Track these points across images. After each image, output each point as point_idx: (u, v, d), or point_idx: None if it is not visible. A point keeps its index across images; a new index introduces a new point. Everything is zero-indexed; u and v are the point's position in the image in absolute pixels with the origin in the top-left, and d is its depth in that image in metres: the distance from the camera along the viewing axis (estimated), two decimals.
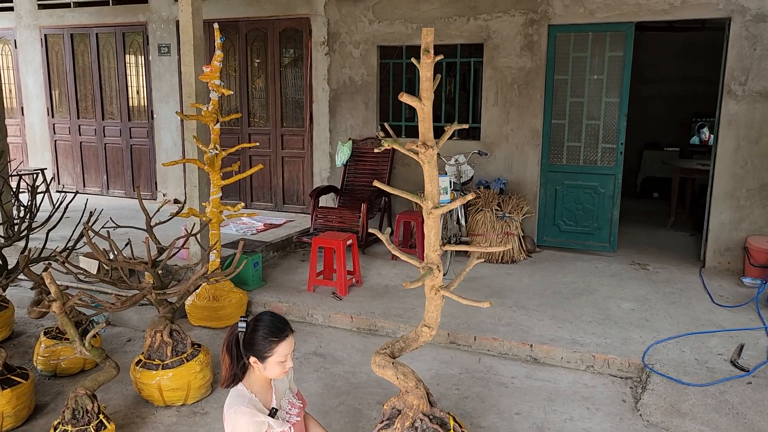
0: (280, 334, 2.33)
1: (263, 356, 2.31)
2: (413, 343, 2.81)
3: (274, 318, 2.38)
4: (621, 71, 6.38)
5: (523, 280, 5.96)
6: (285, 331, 2.36)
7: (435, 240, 2.63)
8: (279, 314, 2.44)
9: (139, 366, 3.85)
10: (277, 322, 2.36)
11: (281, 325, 2.36)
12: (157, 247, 4.07)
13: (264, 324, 2.34)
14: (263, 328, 2.32)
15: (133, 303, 3.69)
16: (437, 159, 6.26)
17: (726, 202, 6.08)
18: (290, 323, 2.45)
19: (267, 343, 2.30)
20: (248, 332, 2.34)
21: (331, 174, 7.79)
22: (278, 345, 2.31)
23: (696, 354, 4.32)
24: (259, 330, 2.32)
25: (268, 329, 2.32)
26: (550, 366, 4.44)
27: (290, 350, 2.36)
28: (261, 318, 2.37)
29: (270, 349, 2.30)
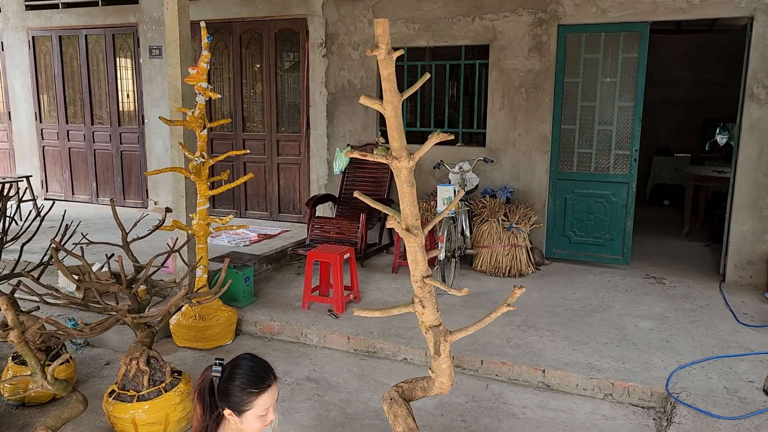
0: (260, 384, 1.98)
1: (240, 409, 1.97)
2: (432, 389, 2.47)
3: (254, 364, 2.03)
4: (635, 73, 6.03)
5: (532, 295, 5.59)
6: (266, 380, 2.01)
7: (418, 269, 2.25)
8: (260, 359, 2.08)
9: (112, 397, 3.48)
10: (258, 370, 2.01)
11: (263, 374, 2.01)
12: (134, 265, 3.71)
13: (242, 372, 1.99)
14: (241, 376, 1.98)
15: (105, 329, 3.33)
16: (443, 167, 5.88)
17: (748, 213, 5.71)
18: (274, 376, 2.09)
19: (245, 395, 1.96)
20: (224, 379, 1.99)
21: (329, 182, 7.43)
22: (258, 397, 1.97)
23: (725, 381, 3.95)
24: (236, 378, 1.98)
25: (247, 378, 1.97)
26: (565, 394, 4.07)
27: (272, 402, 2.02)
28: (239, 363, 2.03)
29: (248, 401, 1.96)
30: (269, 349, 4.78)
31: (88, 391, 4.09)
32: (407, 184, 2.13)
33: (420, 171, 6.90)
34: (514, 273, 6.13)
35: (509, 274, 6.12)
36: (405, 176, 2.15)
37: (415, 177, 6.94)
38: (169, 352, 4.73)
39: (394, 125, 2.12)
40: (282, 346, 4.84)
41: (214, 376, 2.01)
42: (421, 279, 2.23)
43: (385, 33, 2.00)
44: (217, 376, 2.00)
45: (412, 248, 2.19)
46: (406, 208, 2.17)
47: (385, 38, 2.02)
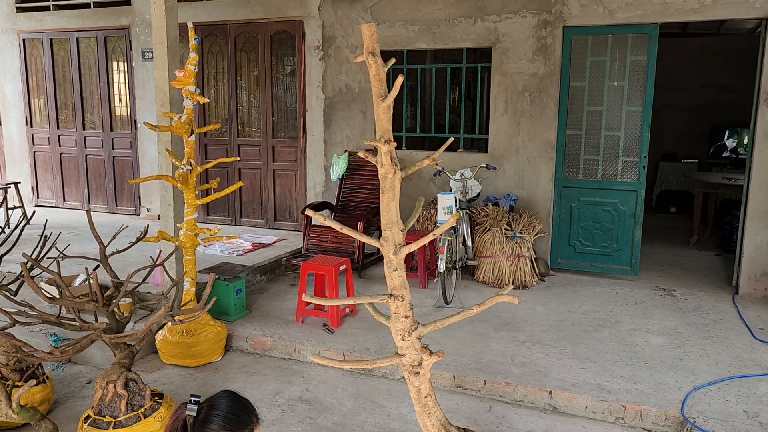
0: (241, 428, 1.73)
1: None
2: None
3: (234, 404, 1.78)
4: (644, 77, 5.79)
5: (536, 308, 5.35)
6: (248, 424, 1.76)
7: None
8: (241, 397, 1.83)
9: (87, 423, 3.24)
10: (238, 412, 1.76)
11: (243, 416, 1.76)
12: (113, 281, 3.47)
13: (220, 413, 1.74)
14: (219, 419, 1.73)
15: (78, 350, 3.09)
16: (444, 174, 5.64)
17: (762, 222, 5.47)
18: (256, 417, 1.84)
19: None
20: (200, 421, 1.73)
21: (326, 189, 7.20)
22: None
23: (744, 404, 3.69)
24: (213, 421, 1.73)
25: (227, 421, 1.72)
26: (573, 417, 3.82)
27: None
28: (217, 404, 1.77)
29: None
30: (260, 366, 4.54)
31: (67, 413, 3.86)
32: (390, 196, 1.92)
33: (420, 178, 6.67)
34: (518, 284, 5.88)
35: (513, 286, 5.86)
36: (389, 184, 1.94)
37: (413, 184, 6.74)
38: (154, 370, 4.49)
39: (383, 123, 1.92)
40: (274, 363, 4.60)
41: (188, 415, 1.76)
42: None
43: (372, 38, 1.83)
44: (192, 416, 1.76)
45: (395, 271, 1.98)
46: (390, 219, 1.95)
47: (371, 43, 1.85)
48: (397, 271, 2.28)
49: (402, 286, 2.41)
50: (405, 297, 2.33)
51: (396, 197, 2.14)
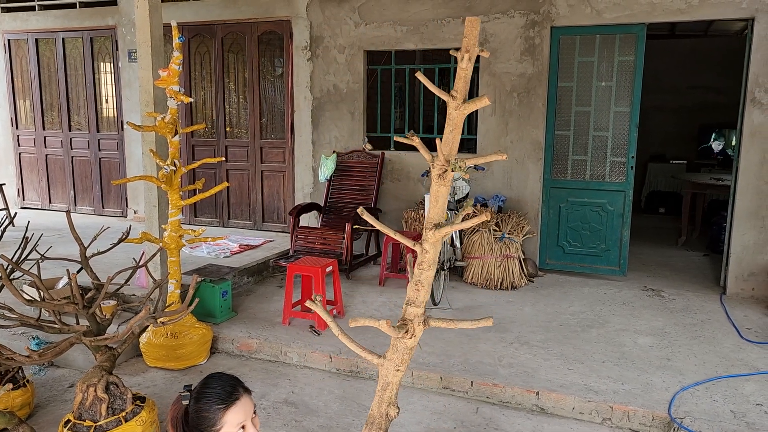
0: (227, 398, 1.81)
1: (212, 431, 1.79)
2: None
3: (221, 380, 1.86)
4: (632, 77, 5.79)
5: (525, 309, 5.33)
6: (234, 393, 1.83)
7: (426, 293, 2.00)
8: (228, 375, 1.91)
9: (67, 428, 3.18)
10: (225, 385, 1.84)
11: (230, 388, 1.84)
12: (94, 283, 3.42)
13: (207, 390, 1.84)
14: (206, 395, 1.82)
15: (57, 354, 3.04)
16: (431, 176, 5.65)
17: (750, 222, 5.47)
18: (243, 388, 1.89)
19: (213, 413, 1.79)
20: (192, 403, 1.83)
21: (314, 190, 7.15)
22: (227, 412, 1.79)
23: (731, 404, 3.68)
24: (202, 399, 1.82)
25: (214, 395, 1.81)
26: (560, 418, 3.79)
27: (246, 417, 1.82)
28: (205, 383, 1.87)
29: (218, 419, 1.79)
30: (246, 368, 4.49)
31: (49, 417, 3.80)
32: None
33: (408, 179, 6.64)
34: (507, 285, 5.86)
35: (501, 287, 5.85)
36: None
37: (402, 185, 6.71)
38: (138, 373, 4.43)
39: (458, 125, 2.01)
40: (260, 365, 4.55)
41: (184, 404, 1.85)
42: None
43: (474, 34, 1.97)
44: (188, 403, 1.85)
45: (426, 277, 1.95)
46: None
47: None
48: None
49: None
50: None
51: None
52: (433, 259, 2.12)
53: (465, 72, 1.94)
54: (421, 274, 2.17)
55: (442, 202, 2.12)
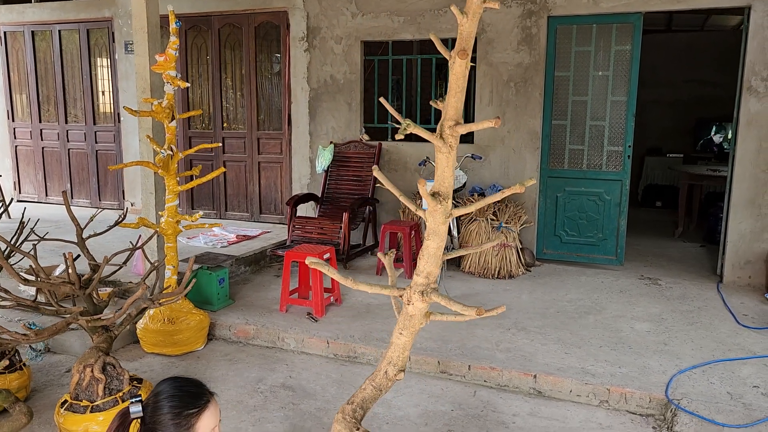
0: (196, 402, 1.68)
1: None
2: (373, 402, 2.17)
3: (182, 384, 1.72)
4: (628, 67, 5.80)
5: (522, 297, 5.33)
6: (203, 396, 1.71)
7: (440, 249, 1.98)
8: (187, 377, 1.77)
9: (64, 408, 3.18)
10: (187, 388, 1.70)
11: (196, 390, 1.71)
12: (90, 264, 3.41)
13: (169, 396, 1.68)
14: (170, 401, 1.66)
15: (54, 333, 3.03)
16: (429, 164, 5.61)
17: (746, 210, 5.49)
18: (209, 391, 1.77)
19: (182, 420, 1.64)
20: (149, 414, 1.66)
21: (312, 181, 7.15)
22: (199, 418, 1.66)
23: (728, 386, 3.69)
24: (164, 407, 1.66)
25: (179, 401, 1.66)
26: (558, 401, 3.80)
27: (216, 421, 1.70)
28: (162, 390, 1.70)
29: (190, 426, 1.65)
30: (243, 354, 4.48)
31: (45, 401, 3.79)
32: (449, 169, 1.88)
33: (405, 169, 6.64)
34: (504, 274, 5.87)
35: (499, 276, 5.86)
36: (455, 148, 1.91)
37: (399, 175, 6.70)
38: (135, 358, 4.42)
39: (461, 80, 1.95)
40: (257, 351, 4.55)
41: (134, 418, 1.67)
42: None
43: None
44: (138, 417, 1.67)
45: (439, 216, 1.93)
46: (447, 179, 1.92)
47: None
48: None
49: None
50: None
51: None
52: (433, 230, 2.10)
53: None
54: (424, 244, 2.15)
55: (449, 173, 2.06)
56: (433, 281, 2.07)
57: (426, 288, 2.08)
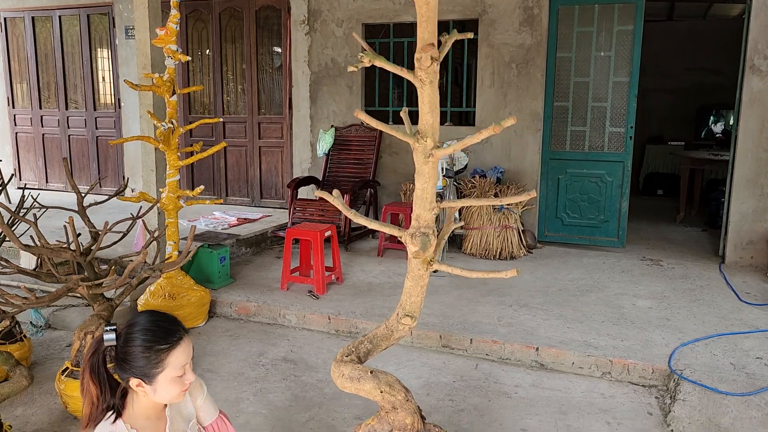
0: (169, 338, 1.66)
1: (150, 374, 1.64)
2: (384, 342, 2.15)
3: (157, 318, 1.71)
4: (631, 47, 5.77)
5: (524, 276, 5.32)
6: (176, 332, 1.69)
7: (432, 195, 1.95)
8: (163, 312, 1.76)
9: (64, 375, 3.17)
10: (162, 323, 1.69)
11: (169, 326, 1.69)
12: (91, 231, 3.40)
13: (142, 329, 1.66)
14: (142, 334, 1.65)
15: (55, 298, 3.01)
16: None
17: (748, 190, 5.47)
18: (183, 328, 1.76)
19: (152, 354, 1.63)
20: (121, 344, 1.66)
21: (312, 165, 7.13)
22: (169, 354, 1.64)
23: (731, 358, 3.68)
24: (136, 339, 1.64)
25: (151, 335, 1.64)
26: (560, 373, 3.78)
27: (188, 359, 1.69)
28: (136, 322, 1.69)
29: (158, 361, 1.63)
30: (244, 330, 4.47)
31: (46, 373, 3.78)
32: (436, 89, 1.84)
33: (406, 152, 6.62)
34: (505, 255, 5.85)
35: (500, 257, 5.84)
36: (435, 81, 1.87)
37: (400, 158, 6.67)
38: None
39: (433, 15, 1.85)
40: (258, 327, 4.54)
41: (107, 346, 1.67)
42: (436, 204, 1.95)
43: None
44: (111, 345, 1.66)
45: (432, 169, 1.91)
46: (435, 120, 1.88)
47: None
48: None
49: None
50: None
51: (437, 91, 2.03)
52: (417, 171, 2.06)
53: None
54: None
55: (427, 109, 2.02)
56: (424, 225, 2.04)
57: (416, 231, 2.05)
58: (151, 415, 1.74)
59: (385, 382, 2.04)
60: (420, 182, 2.00)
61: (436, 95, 1.89)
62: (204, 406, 1.90)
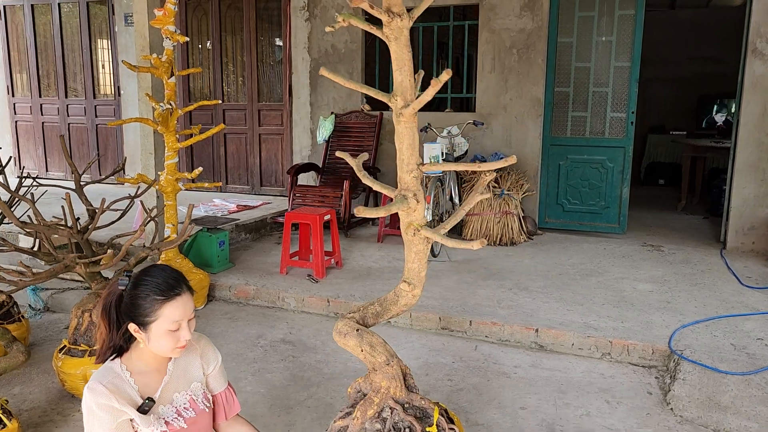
0: (169, 291, 1.69)
1: (144, 321, 1.68)
2: (392, 307, 2.14)
3: (165, 272, 1.75)
4: (632, 32, 5.74)
5: (524, 261, 5.30)
6: (176, 288, 1.71)
7: (409, 156, 1.93)
8: (175, 269, 1.80)
9: (62, 353, 3.16)
10: (167, 277, 1.73)
11: (172, 281, 1.72)
12: (88, 209, 3.38)
13: (149, 278, 1.71)
14: (147, 283, 1.70)
15: (51, 275, 3.00)
16: (431, 131, 5.53)
17: (750, 175, 5.44)
18: (187, 288, 1.78)
19: (149, 303, 1.67)
20: (129, 288, 1.72)
21: (312, 152, 7.11)
22: (164, 305, 1.68)
23: (731, 339, 3.66)
24: (141, 285, 1.70)
25: (154, 284, 1.69)
26: (559, 354, 3.77)
27: (185, 316, 1.72)
28: (148, 271, 1.74)
29: (153, 310, 1.67)
30: (243, 313, 4.46)
31: (43, 353, 3.79)
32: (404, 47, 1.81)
33: None
34: (506, 241, 5.83)
35: (500, 243, 5.82)
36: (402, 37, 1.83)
37: None
38: None
39: None
40: (257, 310, 4.53)
41: (120, 288, 1.73)
42: (417, 167, 1.91)
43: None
44: (123, 288, 1.73)
45: (410, 129, 1.87)
46: (404, 78, 1.84)
47: None
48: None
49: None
50: None
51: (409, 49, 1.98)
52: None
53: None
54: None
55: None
56: (405, 187, 1.99)
57: (399, 193, 2.01)
58: (151, 364, 1.77)
59: (368, 342, 2.03)
60: (397, 143, 1.98)
61: (402, 52, 1.86)
62: (215, 375, 1.93)
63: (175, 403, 1.78)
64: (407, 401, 1.98)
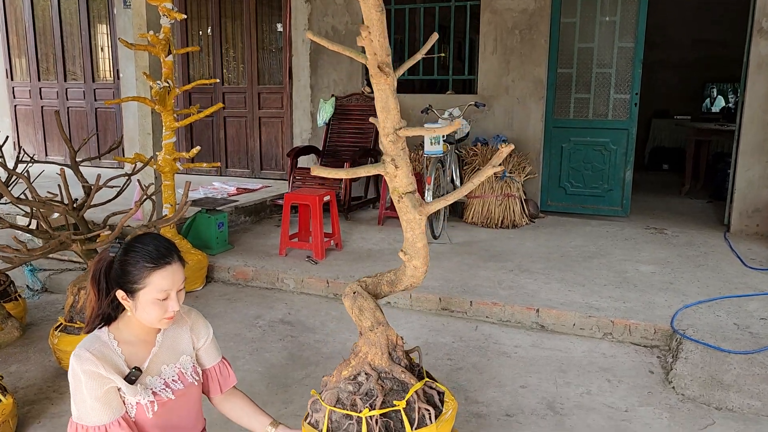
0: (158, 259, 1.65)
1: (132, 288, 1.64)
2: (403, 278, 2.10)
3: (157, 240, 1.70)
4: (636, 11, 5.66)
5: (525, 243, 5.26)
6: (167, 257, 1.67)
7: (384, 119, 1.82)
8: (167, 238, 1.76)
9: (58, 330, 3.13)
10: (158, 245, 1.68)
11: (163, 249, 1.68)
12: (83, 185, 3.34)
13: (140, 245, 1.67)
14: (138, 250, 1.65)
15: (47, 251, 2.97)
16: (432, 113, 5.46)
17: (755, 157, 5.37)
18: (178, 257, 1.73)
19: (137, 270, 1.63)
20: (120, 254, 1.68)
21: (313, 135, 7.05)
22: (153, 273, 1.63)
23: (734, 318, 3.62)
24: (131, 252, 1.65)
25: (145, 252, 1.65)
26: (561, 334, 3.73)
27: (174, 286, 1.67)
28: (139, 238, 1.70)
29: (141, 278, 1.63)
30: (242, 294, 4.43)
31: (40, 333, 3.75)
32: (375, 8, 1.70)
33: (408, 118, 6.53)
34: (507, 224, 5.78)
35: (502, 226, 5.78)
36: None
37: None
38: None
39: None
40: (256, 292, 4.50)
41: (111, 255, 1.70)
42: (393, 131, 1.83)
43: None
44: (113, 256, 1.70)
45: (383, 92, 1.78)
46: (376, 40, 1.75)
47: None
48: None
49: None
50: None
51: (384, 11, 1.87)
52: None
53: None
54: None
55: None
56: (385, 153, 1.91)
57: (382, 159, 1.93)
58: (138, 335, 1.74)
59: (358, 306, 1.99)
60: (377, 104, 1.85)
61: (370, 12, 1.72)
62: (206, 348, 1.90)
63: (163, 375, 1.75)
64: (387, 371, 1.93)
